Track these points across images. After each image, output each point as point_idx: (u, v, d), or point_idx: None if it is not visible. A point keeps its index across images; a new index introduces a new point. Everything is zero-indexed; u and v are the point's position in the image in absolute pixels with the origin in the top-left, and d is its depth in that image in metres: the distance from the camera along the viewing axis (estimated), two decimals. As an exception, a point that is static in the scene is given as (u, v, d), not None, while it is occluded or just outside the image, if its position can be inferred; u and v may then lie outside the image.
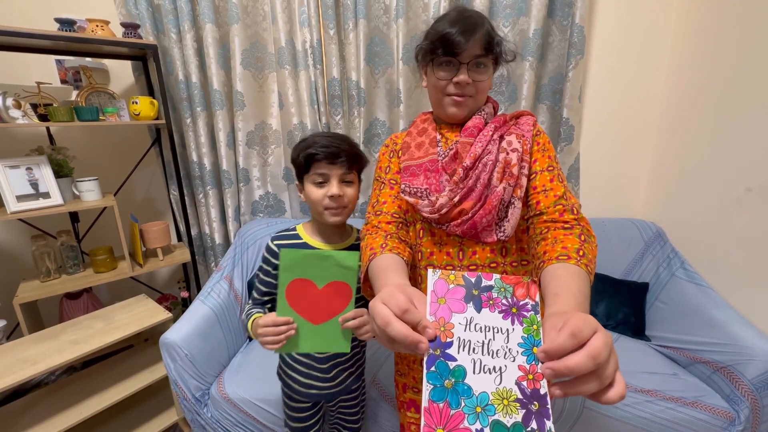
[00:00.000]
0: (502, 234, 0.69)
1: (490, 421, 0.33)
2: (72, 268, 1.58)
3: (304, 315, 0.70)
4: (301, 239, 0.88)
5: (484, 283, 0.42)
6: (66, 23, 1.40)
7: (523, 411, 0.34)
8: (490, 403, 0.34)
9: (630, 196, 1.77)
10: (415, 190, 0.72)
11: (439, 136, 0.76)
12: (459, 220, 0.69)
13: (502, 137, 0.71)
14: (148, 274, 1.97)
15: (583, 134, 1.72)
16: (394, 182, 0.79)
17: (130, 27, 1.51)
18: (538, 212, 0.67)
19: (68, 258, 1.57)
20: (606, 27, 1.60)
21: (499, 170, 0.68)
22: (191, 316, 1.28)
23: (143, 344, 1.59)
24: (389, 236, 0.71)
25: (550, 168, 0.69)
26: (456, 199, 0.68)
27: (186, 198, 1.82)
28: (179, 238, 1.97)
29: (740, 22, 1.29)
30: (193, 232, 1.91)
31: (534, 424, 0.33)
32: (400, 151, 0.79)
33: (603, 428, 1.15)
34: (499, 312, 0.40)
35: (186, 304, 1.88)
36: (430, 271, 0.45)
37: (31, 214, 1.38)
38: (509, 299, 0.41)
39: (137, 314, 1.40)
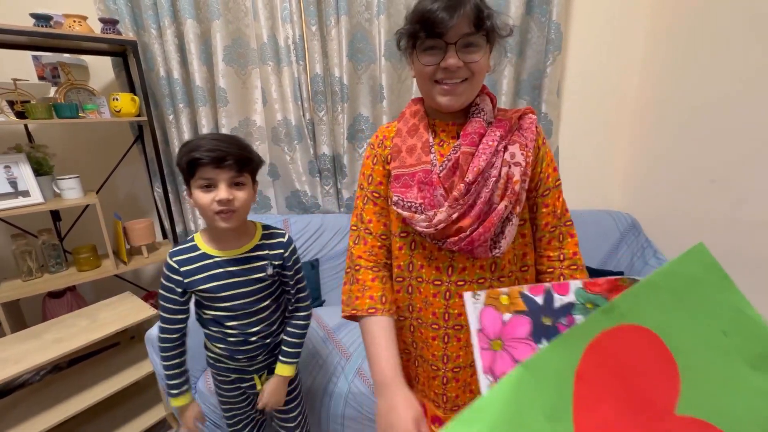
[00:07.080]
0: (497, 251, 0.66)
1: None
2: (54, 267, 1.56)
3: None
4: (199, 249, 0.85)
5: (560, 301, 0.26)
6: (42, 18, 1.38)
7: None
8: None
9: (606, 188, 1.83)
10: (409, 204, 0.67)
11: (431, 139, 0.70)
12: (456, 237, 0.64)
13: (506, 147, 0.65)
14: (133, 271, 1.95)
15: (561, 128, 1.76)
16: (377, 195, 0.74)
17: (109, 22, 1.49)
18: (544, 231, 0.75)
19: (50, 257, 1.55)
20: (582, 23, 1.64)
21: (501, 186, 0.63)
22: (177, 312, 1.28)
23: (129, 341, 1.59)
24: (386, 284, 0.73)
25: (557, 184, 0.74)
26: (454, 216, 0.63)
27: (170, 195, 1.82)
28: (164, 236, 1.96)
29: (710, 19, 1.34)
30: (178, 229, 1.90)
31: None
32: (389, 156, 0.72)
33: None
34: None
35: (172, 301, 1.87)
36: (467, 297, 0.30)
37: (10, 212, 1.37)
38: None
39: (122, 312, 1.40)
